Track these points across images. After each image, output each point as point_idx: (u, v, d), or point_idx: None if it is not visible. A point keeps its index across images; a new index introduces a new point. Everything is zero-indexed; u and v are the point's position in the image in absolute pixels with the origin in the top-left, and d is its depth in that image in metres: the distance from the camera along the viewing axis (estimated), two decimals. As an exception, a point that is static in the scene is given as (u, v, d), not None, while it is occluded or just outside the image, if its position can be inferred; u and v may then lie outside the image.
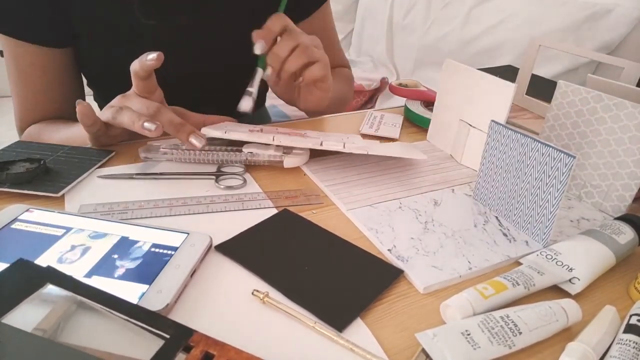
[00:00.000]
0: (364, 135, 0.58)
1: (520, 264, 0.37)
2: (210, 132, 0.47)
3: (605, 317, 0.31)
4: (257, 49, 0.50)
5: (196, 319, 0.30)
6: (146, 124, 0.43)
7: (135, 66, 0.45)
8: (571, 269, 0.35)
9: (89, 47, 0.58)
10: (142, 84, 0.46)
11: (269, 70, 0.51)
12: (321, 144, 0.46)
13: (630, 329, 0.29)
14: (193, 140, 0.45)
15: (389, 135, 0.58)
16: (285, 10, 0.54)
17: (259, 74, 0.53)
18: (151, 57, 0.44)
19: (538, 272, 0.34)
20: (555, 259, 0.36)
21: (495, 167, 0.43)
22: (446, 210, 0.43)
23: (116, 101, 0.47)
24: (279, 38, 0.51)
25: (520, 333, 0.28)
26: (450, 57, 0.55)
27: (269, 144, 0.48)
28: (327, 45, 0.73)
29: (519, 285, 0.32)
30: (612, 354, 0.28)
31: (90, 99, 0.70)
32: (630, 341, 0.28)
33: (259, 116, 0.81)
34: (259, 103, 0.80)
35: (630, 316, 0.30)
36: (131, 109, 0.45)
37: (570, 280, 0.34)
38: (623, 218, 0.40)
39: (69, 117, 0.63)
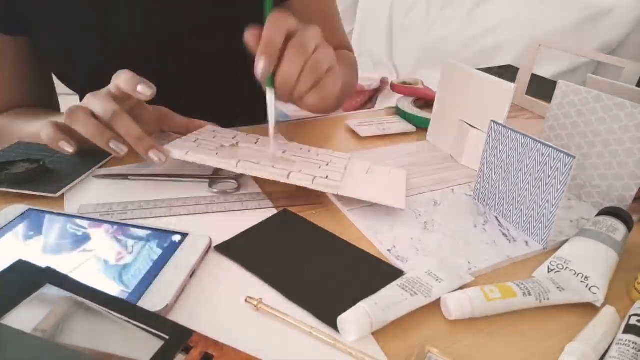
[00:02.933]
0: (374, 137, 0.58)
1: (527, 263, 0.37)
2: (174, 151, 0.42)
3: (605, 318, 0.31)
4: (260, 70, 0.39)
5: (195, 319, 0.30)
6: (112, 145, 0.40)
7: (120, 82, 0.41)
8: (586, 277, 0.34)
9: (49, 39, 0.55)
10: (118, 91, 0.42)
11: (274, 93, 0.42)
12: (288, 176, 0.41)
13: (629, 329, 0.29)
14: (152, 155, 0.41)
15: (405, 130, 0.60)
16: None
17: (271, 99, 0.42)
18: (143, 90, 0.40)
19: (558, 288, 0.33)
20: (566, 267, 0.35)
21: (495, 167, 0.43)
22: (446, 211, 0.43)
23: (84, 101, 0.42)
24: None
25: None
26: (450, 57, 0.55)
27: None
28: (325, 20, 0.63)
29: (530, 295, 0.32)
30: (612, 354, 0.28)
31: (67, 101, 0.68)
32: (629, 341, 0.28)
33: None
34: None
35: (630, 316, 0.30)
36: (87, 113, 0.40)
37: (589, 290, 0.34)
38: (609, 213, 0.40)
39: (44, 105, 0.61)
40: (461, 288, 0.33)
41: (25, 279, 0.26)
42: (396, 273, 0.34)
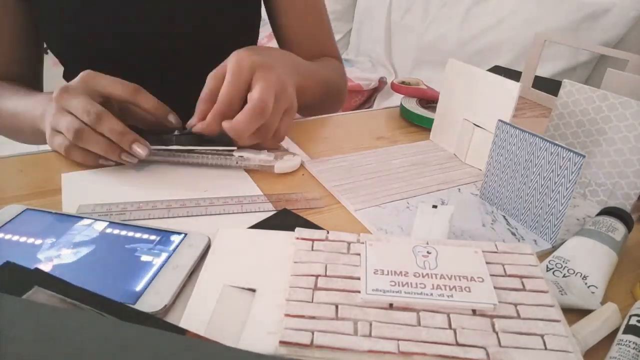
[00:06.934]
0: (374, 138, 0.57)
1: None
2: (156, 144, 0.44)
3: (604, 312, 0.31)
4: (204, 128, 0.44)
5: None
6: (125, 157, 0.42)
7: (142, 103, 0.43)
8: (585, 276, 0.34)
9: (48, 8, 0.55)
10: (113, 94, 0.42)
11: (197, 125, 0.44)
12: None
13: (629, 329, 0.29)
14: (136, 148, 0.42)
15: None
16: None
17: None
18: (175, 122, 0.44)
19: (560, 291, 0.32)
20: (565, 267, 0.35)
21: (503, 166, 0.42)
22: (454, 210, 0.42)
23: (55, 105, 0.42)
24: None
25: None
26: (448, 57, 0.54)
27: (260, 149, 0.48)
28: (317, 30, 0.65)
29: None
30: (612, 354, 0.28)
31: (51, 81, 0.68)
32: (630, 342, 0.28)
33: None
34: None
35: (630, 316, 0.30)
36: (92, 132, 0.40)
37: (588, 288, 0.33)
38: (609, 212, 0.40)
39: (27, 83, 0.61)
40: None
41: (13, 282, 0.25)
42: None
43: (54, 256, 0.32)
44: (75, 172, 0.45)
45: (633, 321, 0.29)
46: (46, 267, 0.31)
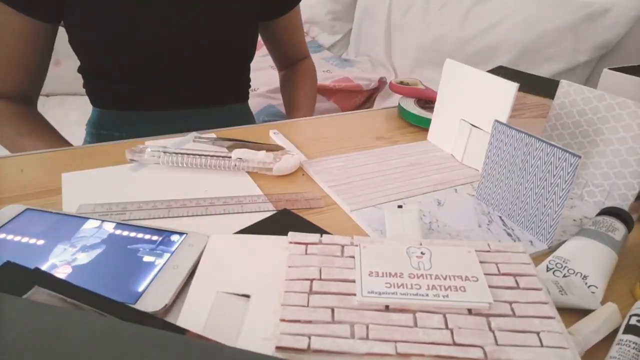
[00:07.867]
0: (373, 138, 0.57)
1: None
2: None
3: (604, 312, 0.31)
4: None
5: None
6: None
7: None
8: (585, 276, 0.34)
9: (83, 21, 0.57)
10: None
11: None
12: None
13: (630, 329, 0.29)
14: None
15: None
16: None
17: None
18: None
19: (560, 291, 0.32)
20: (565, 267, 0.35)
21: (499, 166, 0.43)
22: (450, 211, 0.43)
23: None
24: None
25: None
26: (448, 57, 0.55)
27: (259, 149, 0.48)
28: (297, 40, 0.79)
29: None
30: (612, 354, 0.28)
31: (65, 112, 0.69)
32: (630, 342, 0.28)
33: (238, 112, 0.76)
34: (240, 97, 0.76)
35: (630, 316, 0.30)
36: None
37: (588, 288, 0.33)
38: (609, 212, 0.40)
39: (33, 95, 0.63)
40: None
41: (14, 282, 0.26)
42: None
43: (55, 256, 0.33)
44: (75, 172, 0.45)
45: (633, 321, 0.29)
46: (47, 267, 0.31)
